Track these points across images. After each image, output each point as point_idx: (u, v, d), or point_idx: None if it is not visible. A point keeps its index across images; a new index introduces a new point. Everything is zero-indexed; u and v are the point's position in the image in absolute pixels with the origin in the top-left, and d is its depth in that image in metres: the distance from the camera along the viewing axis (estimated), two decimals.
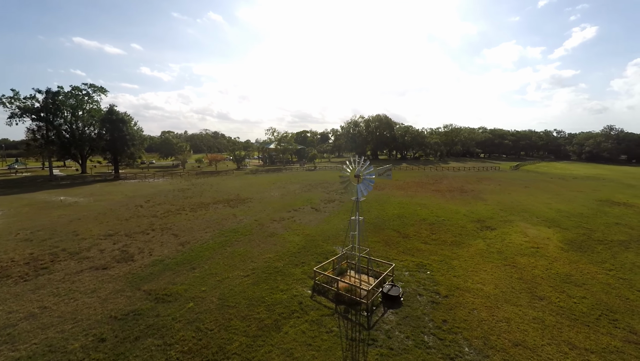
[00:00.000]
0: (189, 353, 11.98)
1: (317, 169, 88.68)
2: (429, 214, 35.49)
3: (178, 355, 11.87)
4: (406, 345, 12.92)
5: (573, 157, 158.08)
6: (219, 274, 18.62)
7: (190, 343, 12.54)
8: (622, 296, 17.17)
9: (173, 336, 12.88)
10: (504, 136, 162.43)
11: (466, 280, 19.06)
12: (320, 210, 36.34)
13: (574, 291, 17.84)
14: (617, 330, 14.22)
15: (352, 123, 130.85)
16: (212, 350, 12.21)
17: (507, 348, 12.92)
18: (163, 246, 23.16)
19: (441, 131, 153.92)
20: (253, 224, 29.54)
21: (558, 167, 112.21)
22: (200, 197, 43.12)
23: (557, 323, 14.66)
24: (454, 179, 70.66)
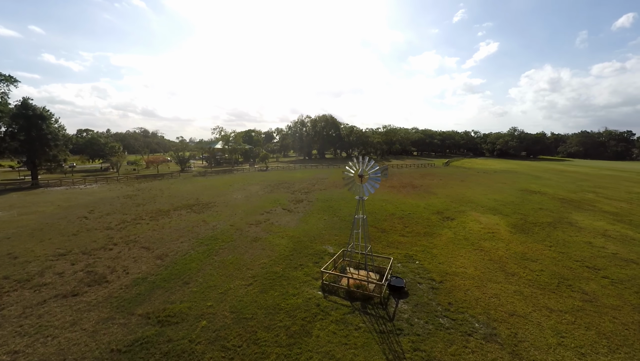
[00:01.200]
0: None
1: (269, 169, 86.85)
2: (395, 209, 38.15)
3: None
4: (429, 330, 14.00)
5: (487, 154, 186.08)
6: (219, 286, 17.23)
7: None
8: (567, 266, 21.28)
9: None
10: (433, 136, 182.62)
11: (450, 266, 21.26)
12: (293, 211, 36.01)
13: (532, 265, 21.42)
14: (574, 292, 17.68)
15: (299, 123, 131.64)
16: None
17: (506, 318, 15.02)
18: (137, 261, 20.26)
19: (381, 131, 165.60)
20: (230, 230, 27.81)
21: (478, 163, 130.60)
22: (154, 203, 38.52)
23: (532, 293, 17.53)
24: (401, 176, 76.84)
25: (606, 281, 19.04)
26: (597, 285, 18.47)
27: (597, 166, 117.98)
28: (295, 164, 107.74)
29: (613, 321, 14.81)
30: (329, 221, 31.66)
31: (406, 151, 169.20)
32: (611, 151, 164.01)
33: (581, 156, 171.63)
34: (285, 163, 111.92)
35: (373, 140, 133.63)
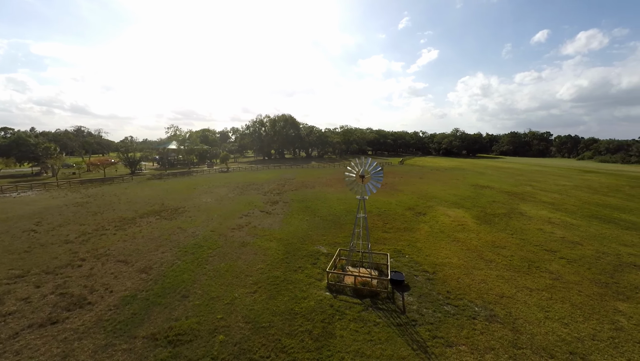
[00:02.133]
0: None
1: (230, 170, 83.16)
2: (370, 207, 39.56)
3: None
4: (438, 318, 15.00)
5: (433, 152, 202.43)
6: (223, 297, 16.24)
7: None
8: (530, 251, 24.36)
9: None
10: (386, 136, 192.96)
11: (437, 257, 22.90)
12: (272, 213, 35.23)
13: (503, 252, 24.10)
14: (543, 273, 20.38)
15: (258, 122, 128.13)
16: None
17: (498, 300, 16.76)
18: (119, 278, 18.01)
19: (339, 131, 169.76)
20: (213, 236, 26.22)
21: (428, 161, 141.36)
22: (113, 211, 34.36)
23: (512, 276, 19.78)
24: None
25: (563, 261, 22.28)
26: (557, 265, 21.53)
27: (526, 163, 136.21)
28: (257, 164, 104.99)
29: (579, 294, 17.46)
30: (311, 222, 31.65)
31: (362, 151, 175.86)
32: (535, 149, 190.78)
33: (511, 154, 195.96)
34: (245, 164, 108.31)
35: (332, 140, 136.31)
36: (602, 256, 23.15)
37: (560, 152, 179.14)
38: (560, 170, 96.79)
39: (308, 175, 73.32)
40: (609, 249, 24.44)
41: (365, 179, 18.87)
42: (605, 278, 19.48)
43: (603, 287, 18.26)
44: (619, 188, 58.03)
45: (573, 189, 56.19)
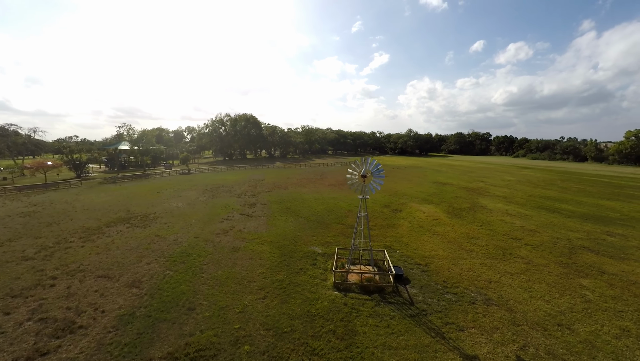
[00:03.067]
0: None
1: (192, 172, 78.24)
2: (349, 205, 40.55)
3: None
4: (444, 305, 16.15)
5: (390, 152, 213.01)
6: (232, 306, 15.51)
7: None
8: (500, 240, 27.24)
9: None
10: (346, 136, 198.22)
11: (424, 251, 24.46)
12: (253, 215, 34.23)
13: (479, 242, 26.61)
14: (516, 258, 23.00)
15: (218, 122, 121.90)
16: None
17: (488, 285, 18.56)
18: (106, 295, 16.07)
19: (300, 131, 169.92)
20: (199, 242, 24.70)
21: (387, 160, 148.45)
22: (70, 221, 30.23)
23: (492, 263, 21.99)
24: (332, 174, 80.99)
25: (529, 247, 25.36)
26: (525, 251, 24.44)
27: (472, 160, 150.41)
28: (219, 165, 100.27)
29: (550, 274, 20.11)
30: (296, 223, 31.47)
31: (323, 151, 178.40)
32: (477, 148, 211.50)
33: (458, 153, 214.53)
34: (206, 165, 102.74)
35: (295, 140, 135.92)
36: (558, 241, 26.83)
37: (499, 151, 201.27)
38: (502, 167, 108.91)
39: (277, 176, 72.31)
40: (561, 235, 28.41)
41: (367, 179, 19.42)
42: (565, 259, 22.67)
43: (566, 267, 21.25)
44: (553, 181, 67.34)
45: (517, 183, 63.76)
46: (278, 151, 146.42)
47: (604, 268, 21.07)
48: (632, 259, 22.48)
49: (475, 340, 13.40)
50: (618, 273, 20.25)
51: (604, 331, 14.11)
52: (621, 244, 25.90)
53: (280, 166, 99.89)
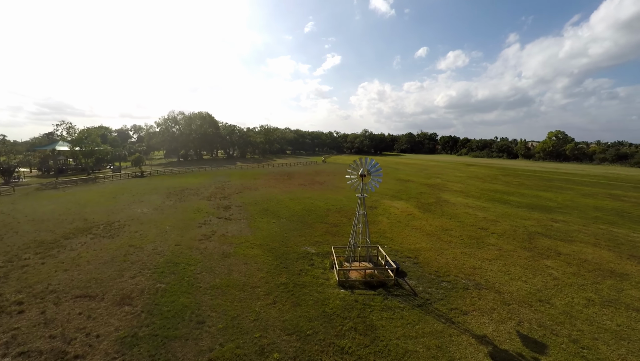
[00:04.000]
0: None
1: (146, 175, 71.38)
2: (326, 204, 41.05)
3: None
4: (443, 293, 17.44)
5: (347, 151, 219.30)
6: (244, 314, 14.82)
7: None
8: (470, 230, 30.04)
9: None
10: (304, 136, 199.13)
11: (409, 244, 25.95)
12: (232, 219, 32.77)
13: (453, 233, 29.04)
14: (489, 246, 25.62)
15: (171, 120, 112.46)
16: None
17: (473, 272, 20.45)
18: (95, 318, 14.07)
19: (258, 130, 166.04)
20: (182, 250, 22.91)
21: (347, 159, 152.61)
22: (16, 234, 25.49)
23: (471, 252, 24.22)
24: (298, 174, 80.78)
25: (495, 235, 28.42)
26: (494, 239, 27.37)
27: (424, 159, 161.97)
28: (175, 167, 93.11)
29: (520, 258, 22.85)
30: (280, 224, 30.97)
31: (282, 150, 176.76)
32: (426, 147, 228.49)
33: (409, 152, 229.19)
34: (160, 166, 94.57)
35: (255, 140, 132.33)
36: (516, 228, 30.52)
37: (445, 150, 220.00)
38: (451, 164, 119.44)
39: (243, 177, 69.84)
40: (517, 224, 32.34)
41: (366, 178, 19.99)
42: (527, 244, 25.94)
43: (530, 251, 24.34)
44: (496, 177, 75.93)
45: (468, 179, 70.62)
46: (237, 151, 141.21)
47: (558, 250, 24.62)
48: (578, 241, 26.63)
49: (479, 321, 14.76)
50: (570, 253, 23.84)
51: (575, 302, 16.59)
52: (566, 228, 30.46)
53: (242, 167, 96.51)
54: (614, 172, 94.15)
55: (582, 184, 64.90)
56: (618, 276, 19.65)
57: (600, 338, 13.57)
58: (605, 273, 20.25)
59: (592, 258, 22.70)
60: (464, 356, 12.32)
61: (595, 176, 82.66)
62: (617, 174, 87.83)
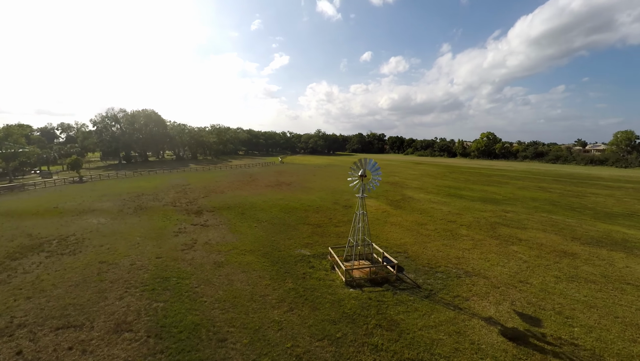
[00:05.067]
0: None
1: (85, 180, 62.11)
2: (301, 205, 40.84)
3: None
4: (442, 284, 18.84)
5: (301, 151, 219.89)
6: (265, 325, 14.13)
7: None
8: (442, 224, 32.72)
9: None
10: (258, 136, 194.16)
11: (395, 240, 27.34)
12: (208, 225, 30.70)
13: (429, 227, 31.37)
14: (463, 237, 28.29)
15: (110, 118, 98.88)
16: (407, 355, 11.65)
17: (460, 262, 22.43)
18: (92, 351, 11.90)
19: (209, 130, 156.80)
20: (168, 264, 20.77)
21: (303, 159, 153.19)
22: None
23: (451, 243, 26.46)
24: (260, 175, 78.72)
25: (464, 227, 31.47)
26: (464, 230, 30.27)
27: (376, 158, 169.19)
28: (119, 170, 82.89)
29: (491, 246, 25.72)
30: (263, 228, 30.01)
31: (234, 151, 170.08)
32: (375, 147, 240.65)
33: (360, 151, 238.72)
34: (100, 170, 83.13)
35: (209, 140, 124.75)
36: (479, 220, 34.18)
37: (393, 149, 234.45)
38: (402, 163, 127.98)
39: (203, 179, 65.54)
40: (478, 215, 36.23)
41: (366, 178, 20.55)
42: (493, 233, 29.28)
43: (497, 239, 27.54)
44: (444, 174, 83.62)
45: (422, 176, 76.54)
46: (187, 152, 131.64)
47: (518, 236, 28.30)
48: (530, 228, 30.92)
49: (481, 305, 16.34)
50: (528, 239, 27.61)
51: (547, 280, 19.34)
52: (517, 218, 35.10)
53: (197, 169, 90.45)
54: (535, 168, 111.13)
55: (515, 178, 75.27)
56: (570, 256, 23.43)
57: (576, 308, 16.11)
58: (560, 253, 23.96)
59: (546, 242, 26.64)
60: (481, 337, 13.56)
61: (522, 171, 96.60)
62: (537, 169, 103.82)
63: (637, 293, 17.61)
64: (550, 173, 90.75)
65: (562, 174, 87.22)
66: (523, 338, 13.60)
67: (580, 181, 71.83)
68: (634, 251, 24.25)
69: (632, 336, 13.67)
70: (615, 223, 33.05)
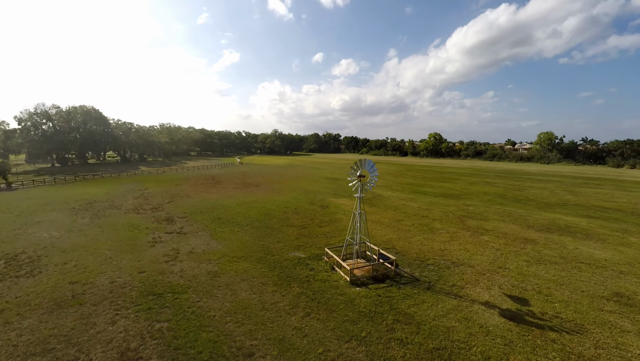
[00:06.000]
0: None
1: (15, 187, 52.21)
2: (277, 207, 40.08)
3: None
4: (436, 275, 20.22)
5: (258, 151, 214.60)
6: (288, 335, 13.72)
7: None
8: (415, 219, 34.92)
9: None
10: (212, 135, 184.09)
11: (381, 237, 28.46)
12: (185, 232, 28.49)
13: (405, 223, 33.23)
14: (439, 230, 30.56)
15: (41, 115, 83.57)
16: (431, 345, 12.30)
17: (442, 253, 24.25)
18: None
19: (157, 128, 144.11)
20: (156, 279, 18.77)
21: (263, 160, 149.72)
22: None
23: (430, 237, 28.40)
24: (224, 176, 74.98)
25: (437, 221, 33.99)
26: (438, 224, 32.72)
27: (333, 157, 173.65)
28: (57, 175, 71.27)
29: (465, 237, 28.22)
30: (247, 233, 28.89)
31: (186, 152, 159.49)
32: (332, 146, 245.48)
33: (317, 151, 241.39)
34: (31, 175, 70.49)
35: (161, 140, 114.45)
36: (447, 214, 37.18)
37: (348, 149, 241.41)
38: None
39: (161, 183, 60.24)
40: (445, 210, 39.40)
41: (365, 178, 21.09)
42: (463, 226, 32.13)
43: (468, 230, 30.32)
44: (402, 172, 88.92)
45: (383, 175, 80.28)
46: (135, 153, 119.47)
47: (484, 227, 31.53)
48: (491, 219, 34.63)
49: (476, 292, 17.97)
50: (493, 229, 30.93)
51: (520, 265, 21.95)
52: (477, 210, 39.01)
53: (151, 172, 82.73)
54: (477, 165, 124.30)
55: (464, 175, 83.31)
56: (531, 242, 26.90)
57: (550, 286, 18.63)
58: (522, 240, 27.34)
59: (509, 231, 30.16)
60: (486, 320, 14.95)
61: (467, 168, 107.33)
62: (479, 166, 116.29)
63: (591, 270, 21.02)
64: (491, 170, 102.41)
65: (500, 170, 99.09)
66: (519, 317, 15.35)
67: (517, 176, 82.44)
68: (577, 235, 28.79)
69: (599, 306, 16.33)
70: (555, 211, 38.78)
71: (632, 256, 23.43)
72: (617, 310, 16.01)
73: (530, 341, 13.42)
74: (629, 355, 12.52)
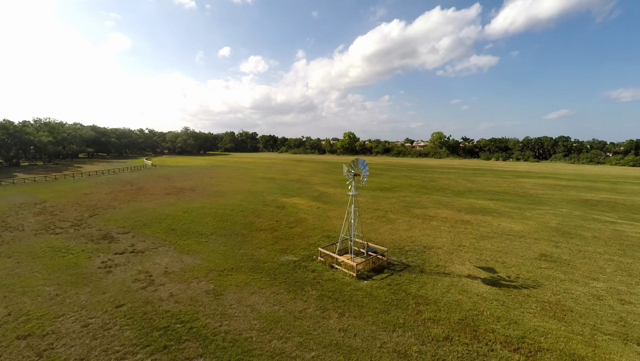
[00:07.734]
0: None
1: None
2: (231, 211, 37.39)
3: None
4: (419, 260, 23.11)
5: (167, 152, 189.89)
6: (339, 338, 13.73)
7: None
8: (372, 213, 38.19)
9: None
10: (108, 134, 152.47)
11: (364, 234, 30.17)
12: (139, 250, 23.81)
13: (365, 216, 36.05)
14: (397, 220, 34.36)
15: None
16: (456, 318, 14.37)
17: (412, 239, 27.67)
18: None
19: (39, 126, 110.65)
20: (146, 311, 15.37)
21: (177, 161, 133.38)
22: None
23: (393, 227, 31.72)
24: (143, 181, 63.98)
25: (390, 212, 38.01)
26: (392, 215, 36.67)
27: (253, 156, 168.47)
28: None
29: (419, 223, 32.63)
30: (217, 242, 26.42)
31: (74, 154, 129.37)
32: (249, 145, 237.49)
33: (233, 150, 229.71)
34: None
35: (43, 140, 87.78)
36: (393, 205, 41.83)
37: (267, 148, 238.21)
38: (284, 161, 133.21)
39: (61, 193, 47.31)
40: (390, 202, 44.16)
41: (358, 176, 22.22)
42: (412, 214, 36.87)
43: (418, 218, 35.00)
44: (331, 169, 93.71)
45: (315, 173, 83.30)
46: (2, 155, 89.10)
47: (428, 214, 36.99)
48: (430, 207, 40.75)
49: (457, 269, 21.46)
50: (435, 215, 36.59)
51: (472, 242, 26.97)
52: (415, 200, 45.18)
53: (37, 180, 63.66)
54: (389, 161, 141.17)
55: (384, 170, 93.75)
56: (467, 223, 33.14)
57: (501, 256, 23.72)
58: (461, 222, 33.40)
59: (447, 216, 36.27)
60: (477, 290, 18.22)
61: (383, 163, 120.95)
62: (391, 162, 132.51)
63: (517, 240, 27.59)
64: (401, 165, 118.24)
65: (409, 165, 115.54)
66: (497, 282, 19.26)
67: (424, 169, 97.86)
68: (494, 214, 36.93)
69: (538, 265, 21.88)
70: (468, 197, 48.35)
71: (535, 227, 31.79)
72: (549, 266, 21.82)
73: (514, 299, 17.17)
74: (577, 294, 17.56)
